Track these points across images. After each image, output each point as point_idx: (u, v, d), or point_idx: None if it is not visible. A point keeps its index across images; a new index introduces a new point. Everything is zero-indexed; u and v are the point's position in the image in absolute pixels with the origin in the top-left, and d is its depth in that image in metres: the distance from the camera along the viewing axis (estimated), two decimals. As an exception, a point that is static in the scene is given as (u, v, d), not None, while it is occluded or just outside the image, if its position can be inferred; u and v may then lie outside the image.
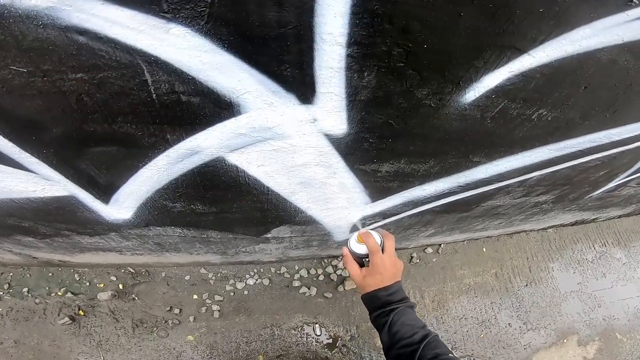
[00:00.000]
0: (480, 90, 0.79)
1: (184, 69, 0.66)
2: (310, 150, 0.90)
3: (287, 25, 0.60)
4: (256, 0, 0.55)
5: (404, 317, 0.81)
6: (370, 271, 0.88)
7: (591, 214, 2.28)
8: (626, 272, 2.55)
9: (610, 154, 1.24)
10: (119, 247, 1.36)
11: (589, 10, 0.65)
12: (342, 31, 0.61)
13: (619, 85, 0.88)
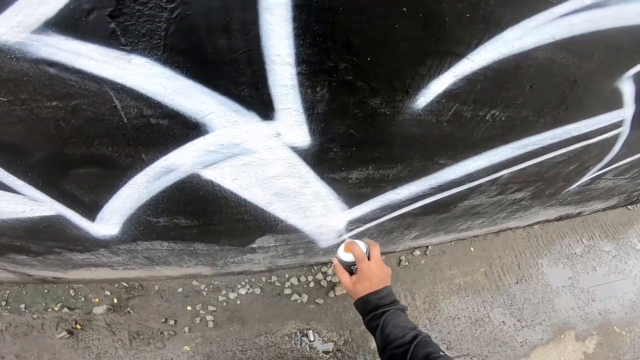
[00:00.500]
0: (430, 95, 0.84)
1: (149, 95, 0.71)
2: (279, 162, 0.94)
3: (238, 50, 0.65)
4: (205, 30, 0.61)
5: (395, 319, 0.83)
6: (359, 277, 0.91)
7: (574, 208, 2.29)
8: (617, 264, 2.54)
9: (575, 149, 1.28)
10: (109, 262, 1.40)
11: (513, 11, 0.69)
12: (289, 52, 0.66)
13: (564, 82, 0.92)
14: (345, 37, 0.66)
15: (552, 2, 0.69)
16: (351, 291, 0.93)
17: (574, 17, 0.74)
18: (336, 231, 1.42)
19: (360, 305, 0.91)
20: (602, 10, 0.75)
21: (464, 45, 0.73)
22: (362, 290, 0.90)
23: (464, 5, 0.64)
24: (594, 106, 1.09)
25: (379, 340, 0.83)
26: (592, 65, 0.89)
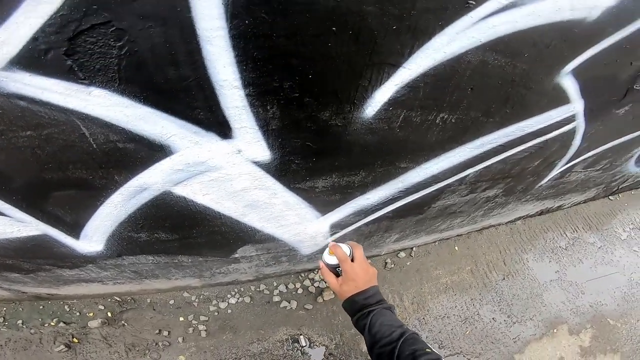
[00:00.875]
0: (376, 105, 0.89)
1: (113, 122, 0.78)
2: (244, 176, 1.00)
3: (188, 79, 0.71)
4: (155, 63, 0.67)
5: (382, 318, 0.85)
6: (344, 279, 0.93)
7: (552, 202, 2.31)
8: (604, 256, 2.55)
9: (534, 145, 1.32)
10: (99, 277, 1.46)
11: (436, 19, 0.74)
12: (235, 77, 0.72)
13: (503, 82, 0.97)
14: (284, 59, 0.71)
15: (469, 7, 0.73)
16: (338, 293, 0.95)
17: (494, 19, 0.78)
18: (316, 238, 1.46)
19: (348, 306, 0.93)
20: (519, 10, 0.78)
21: (397, 55, 0.78)
22: (348, 291, 0.92)
23: (389, 18, 0.69)
24: (540, 103, 1.13)
25: (367, 339, 0.85)
26: (525, 64, 0.93)
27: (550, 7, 0.80)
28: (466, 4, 0.73)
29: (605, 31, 0.94)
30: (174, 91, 0.73)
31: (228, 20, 0.61)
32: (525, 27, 0.83)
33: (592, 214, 2.74)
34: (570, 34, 0.90)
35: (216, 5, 0.59)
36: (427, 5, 0.70)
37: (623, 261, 2.59)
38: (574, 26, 0.87)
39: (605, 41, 0.96)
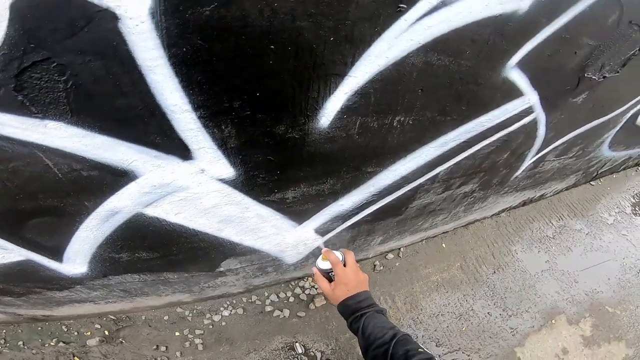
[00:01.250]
0: (330, 114, 0.90)
1: (73, 152, 0.79)
2: (213, 194, 1.01)
3: (137, 107, 0.73)
4: (102, 94, 0.69)
5: (374, 320, 0.87)
6: (336, 283, 0.96)
7: (533, 192, 2.30)
8: (592, 242, 2.52)
9: (498, 138, 1.33)
10: (89, 297, 1.47)
11: (371, 26, 0.75)
12: (184, 101, 0.74)
13: (451, 81, 0.98)
14: (228, 81, 0.73)
15: (401, 10, 0.75)
16: (331, 297, 0.97)
17: (428, 20, 0.79)
18: (297, 247, 1.46)
19: (341, 309, 0.95)
20: (450, 8, 0.79)
21: (341, 65, 0.80)
22: (340, 295, 0.94)
23: (324, 30, 0.71)
24: (493, 98, 1.15)
25: (361, 342, 0.86)
26: (469, 62, 0.95)
27: (479, 2, 0.82)
28: (397, 8, 0.74)
29: (539, 22, 0.95)
30: (126, 119, 0.75)
31: (165, 50, 0.63)
32: (460, 24, 0.84)
33: (575, 201, 2.71)
34: (505, 28, 0.91)
35: (150, 37, 0.61)
36: (360, 14, 0.71)
37: (613, 246, 2.57)
38: (507, 20, 0.88)
39: (542, 32, 0.98)
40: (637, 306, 2.43)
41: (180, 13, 0.58)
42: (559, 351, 2.11)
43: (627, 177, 3.28)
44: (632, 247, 2.63)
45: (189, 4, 0.58)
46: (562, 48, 1.08)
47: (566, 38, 1.04)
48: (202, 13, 0.59)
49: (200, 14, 0.59)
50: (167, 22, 0.59)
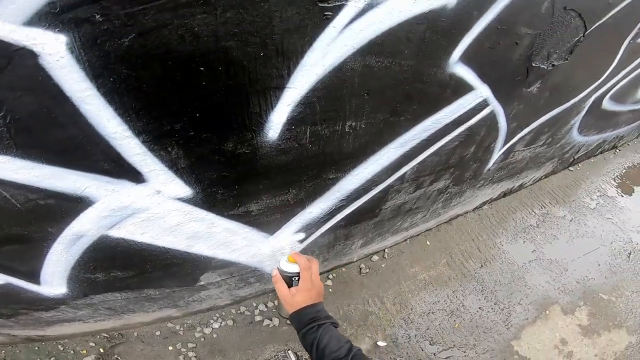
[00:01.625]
0: (277, 127, 0.91)
1: (25, 183, 0.81)
2: (174, 213, 1.02)
3: (78, 137, 0.74)
4: (41, 127, 0.70)
5: (330, 332, 0.85)
6: (300, 289, 0.91)
7: (511, 182, 2.28)
8: (577, 228, 2.48)
9: (459, 133, 1.33)
10: (77, 316, 1.47)
11: (300, 37, 0.75)
12: (123, 128, 0.75)
13: (396, 81, 0.98)
14: (163, 105, 0.74)
15: (328, 18, 0.75)
16: (288, 303, 0.92)
17: (357, 24, 0.79)
18: (274, 256, 1.46)
19: (297, 317, 0.89)
20: (378, 10, 0.79)
21: (277, 78, 0.80)
22: (301, 301, 0.89)
23: (252, 47, 0.72)
24: (444, 95, 1.14)
25: (315, 353, 0.82)
26: (410, 61, 0.95)
27: (406, 1, 0.81)
28: (323, 16, 0.74)
29: (471, 15, 0.95)
30: (70, 149, 0.76)
31: (92, 81, 0.64)
32: (392, 25, 0.84)
33: (556, 188, 2.67)
34: (439, 24, 0.91)
35: (75, 71, 0.62)
36: (285, 27, 0.72)
37: (599, 231, 2.53)
38: (438, 15, 0.88)
39: (477, 25, 0.97)
40: (632, 291, 2.38)
41: (99, 46, 0.59)
42: (558, 342, 2.07)
43: (605, 160, 3.24)
44: (618, 231, 2.59)
45: (106, 37, 0.59)
46: (502, 39, 1.07)
47: (502, 29, 1.03)
48: (122, 44, 0.60)
49: (120, 45, 0.60)
50: (87, 55, 0.60)
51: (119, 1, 0.55)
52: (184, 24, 0.62)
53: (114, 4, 0.55)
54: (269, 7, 0.67)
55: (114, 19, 0.57)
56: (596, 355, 2.03)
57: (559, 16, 1.15)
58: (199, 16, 0.62)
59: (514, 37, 1.11)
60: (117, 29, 0.58)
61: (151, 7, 0.58)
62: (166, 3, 0.58)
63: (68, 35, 0.57)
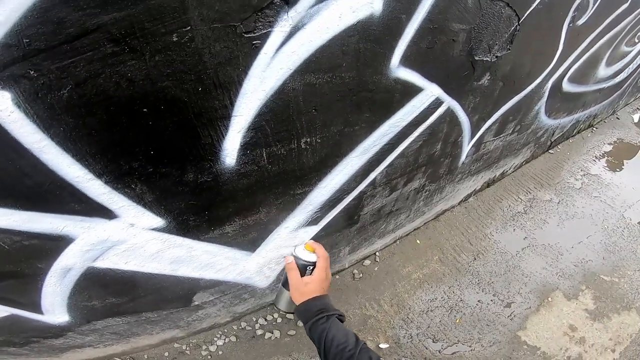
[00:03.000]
0: (233, 153, 0.93)
1: (7, 228, 0.84)
2: (152, 241, 1.04)
3: (45, 183, 0.78)
4: (9, 177, 0.74)
5: (337, 324, 0.82)
6: (315, 278, 0.87)
7: (491, 172, 2.23)
8: (566, 210, 2.39)
9: (421, 133, 1.32)
10: (86, 342, 1.48)
11: (234, 68, 0.77)
12: (84, 172, 0.79)
13: (341, 94, 0.98)
14: (117, 147, 0.77)
15: (257, 46, 0.77)
16: (301, 291, 0.87)
17: (288, 47, 0.80)
18: (262, 271, 1.47)
19: (306, 307, 0.85)
20: (305, 30, 0.80)
21: (222, 108, 0.82)
22: (313, 291, 0.85)
23: (189, 84, 0.74)
24: (394, 99, 1.14)
25: (323, 345, 0.79)
26: (351, 72, 0.95)
27: (332, 17, 0.82)
28: (252, 45, 0.77)
29: (400, 20, 0.95)
30: (41, 195, 0.79)
31: (45, 132, 0.68)
32: (323, 42, 0.85)
33: (539, 172, 2.60)
34: (370, 33, 0.91)
35: (27, 124, 0.66)
36: (217, 61, 0.74)
37: (588, 210, 2.43)
38: (367, 25, 0.89)
39: (409, 28, 0.98)
40: (634, 270, 2.28)
41: (41, 99, 0.63)
42: (567, 329, 1.98)
43: (584, 139, 3.16)
44: (608, 208, 2.50)
45: (45, 90, 0.63)
46: (437, 38, 1.07)
47: (435, 28, 1.03)
48: (62, 96, 0.64)
49: (61, 97, 0.64)
50: (33, 108, 0.64)
51: (48, 57, 0.59)
52: (116, 72, 0.65)
53: (44, 60, 0.59)
54: (196, 46, 0.70)
55: (48, 74, 0.61)
56: (611, 339, 1.94)
57: (488, 8, 1.14)
58: (128, 63, 0.65)
59: (449, 35, 1.10)
60: (54, 82, 0.62)
61: (80, 60, 0.61)
62: (93, 55, 0.62)
63: (11, 92, 0.60)
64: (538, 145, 2.51)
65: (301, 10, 0.79)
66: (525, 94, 1.81)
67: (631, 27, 2.47)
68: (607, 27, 2.14)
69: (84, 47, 0.61)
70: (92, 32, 0.60)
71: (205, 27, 0.69)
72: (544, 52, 1.73)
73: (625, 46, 2.64)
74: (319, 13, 0.81)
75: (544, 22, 1.50)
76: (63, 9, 0.55)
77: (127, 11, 0.60)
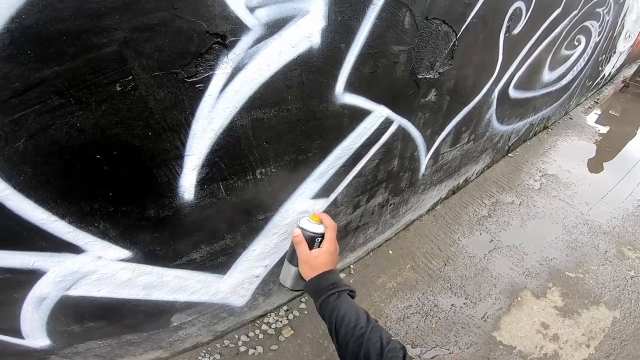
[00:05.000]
0: (190, 189, 0.95)
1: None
2: (121, 271, 1.06)
3: (12, 226, 0.80)
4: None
5: (349, 301, 0.78)
6: (324, 250, 0.83)
7: (454, 180, 2.25)
8: (527, 211, 2.43)
9: (376, 152, 1.34)
10: None
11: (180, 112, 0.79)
12: (48, 214, 0.81)
13: (290, 124, 1.00)
14: (75, 192, 0.80)
15: (200, 90, 0.79)
16: (310, 264, 0.82)
17: (232, 87, 0.82)
18: (237, 291, 1.48)
19: (317, 282, 0.80)
20: (247, 69, 0.82)
21: (174, 149, 0.85)
22: (323, 264, 0.81)
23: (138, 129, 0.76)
24: (344, 124, 1.14)
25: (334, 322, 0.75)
26: (296, 104, 0.96)
27: (272, 54, 0.84)
28: (196, 89, 0.79)
29: (340, 48, 0.96)
30: (10, 236, 0.81)
31: (7, 182, 0.72)
32: (266, 78, 0.86)
33: (500, 176, 2.65)
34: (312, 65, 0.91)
35: (-12, 174, 0.70)
36: (163, 106, 0.77)
37: (548, 210, 2.48)
38: (308, 58, 0.89)
39: (349, 55, 0.99)
40: (597, 265, 2.33)
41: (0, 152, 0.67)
42: (539, 327, 2.00)
43: (540, 141, 3.24)
44: (567, 206, 2.56)
45: (3, 143, 0.66)
46: (378, 62, 1.07)
47: (376, 53, 1.04)
48: (18, 148, 0.67)
49: (17, 149, 0.68)
50: (-8, 161, 0.68)
51: (0, 111, 0.62)
52: (66, 123, 0.68)
53: (-6, 114, 0.61)
54: (140, 93, 0.73)
55: (2, 127, 0.63)
56: (584, 334, 1.96)
57: (424, 27, 1.14)
58: (76, 114, 0.69)
59: (390, 57, 1.10)
60: (9, 135, 0.65)
61: (30, 113, 0.64)
62: (41, 108, 0.65)
63: (-30, 145, 0.64)
64: (496, 151, 2.55)
65: (240, 52, 0.81)
66: (473, 105, 1.83)
67: (568, 31, 2.47)
68: (544, 33, 2.13)
69: (32, 100, 0.63)
70: (37, 85, 0.62)
71: (147, 75, 0.72)
72: (486, 64, 1.73)
73: (565, 50, 2.68)
74: (258, 52, 0.83)
75: (481, 35, 1.50)
76: (6, 64, 0.58)
77: (68, 65, 0.63)
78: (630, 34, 4.78)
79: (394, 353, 0.66)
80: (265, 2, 0.79)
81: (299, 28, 0.86)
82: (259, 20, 0.80)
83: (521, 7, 1.66)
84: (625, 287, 2.19)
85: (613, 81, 5.84)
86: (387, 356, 0.65)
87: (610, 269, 2.26)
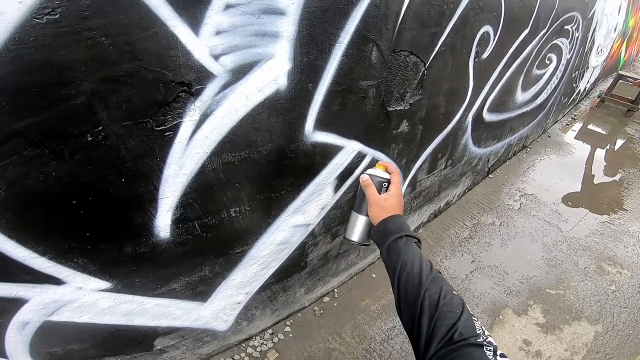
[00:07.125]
0: (166, 229, 0.96)
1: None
2: (102, 300, 1.07)
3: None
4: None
5: (416, 248, 0.75)
6: (393, 193, 0.82)
7: (435, 205, 2.21)
8: (507, 231, 2.40)
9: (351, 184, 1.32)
10: None
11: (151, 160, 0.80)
12: (29, 252, 0.84)
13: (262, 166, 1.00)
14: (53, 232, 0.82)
15: (170, 136, 0.78)
16: (381, 206, 0.81)
17: (201, 133, 0.82)
18: (218, 316, 1.47)
19: (386, 225, 0.78)
20: (215, 115, 0.82)
21: (147, 194, 0.86)
22: (392, 206, 0.80)
23: (112, 176, 0.78)
24: (314, 162, 1.13)
25: (400, 265, 0.71)
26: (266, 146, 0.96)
27: (239, 99, 0.84)
28: (165, 136, 0.79)
29: (307, 89, 0.94)
30: None
31: (-14, 223, 0.75)
32: (235, 122, 0.87)
33: (480, 197, 2.63)
34: (279, 107, 0.92)
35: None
36: (134, 154, 0.78)
37: (528, 229, 2.44)
38: (275, 100, 0.89)
39: (317, 94, 0.97)
40: (577, 281, 2.28)
41: (-16, 200, 0.71)
42: (521, 344, 1.95)
43: (520, 161, 3.21)
44: (546, 225, 2.52)
45: None
46: (347, 98, 1.05)
47: (344, 89, 1.02)
48: (1, 195, 0.71)
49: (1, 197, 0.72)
50: (-23, 208, 0.71)
51: None
52: (42, 172, 0.70)
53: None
54: (111, 143, 0.75)
55: None
56: (566, 350, 1.90)
57: (392, 60, 1.10)
58: (51, 164, 0.69)
59: (358, 93, 1.07)
60: None
61: (8, 163, 0.66)
62: (18, 159, 0.66)
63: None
64: (476, 173, 2.52)
65: (207, 99, 0.80)
66: (447, 132, 1.78)
67: (538, 50, 2.37)
68: (514, 55, 2.05)
69: (9, 151, 0.65)
70: (13, 137, 0.63)
71: (116, 125, 0.72)
72: (457, 90, 1.67)
73: (537, 69, 2.61)
74: (225, 98, 0.82)
75: (450, 62, 1.44)
76: (-18, 117, 0.58)
77: (40, 117, 0.63)
78: (602, 48, 4.75)
79: (449, 307, 0.60)
80: (230, 49, 0.79)
81: (264, 72, 0.86)
82: (224, 67, 0.80)
83: (489, 31, 1.61)
84: (606, 301, 2.13)
85: (589, 96, 5.81)
86: (442, 310, 0.60)
87: (590, 284, 2.21)
